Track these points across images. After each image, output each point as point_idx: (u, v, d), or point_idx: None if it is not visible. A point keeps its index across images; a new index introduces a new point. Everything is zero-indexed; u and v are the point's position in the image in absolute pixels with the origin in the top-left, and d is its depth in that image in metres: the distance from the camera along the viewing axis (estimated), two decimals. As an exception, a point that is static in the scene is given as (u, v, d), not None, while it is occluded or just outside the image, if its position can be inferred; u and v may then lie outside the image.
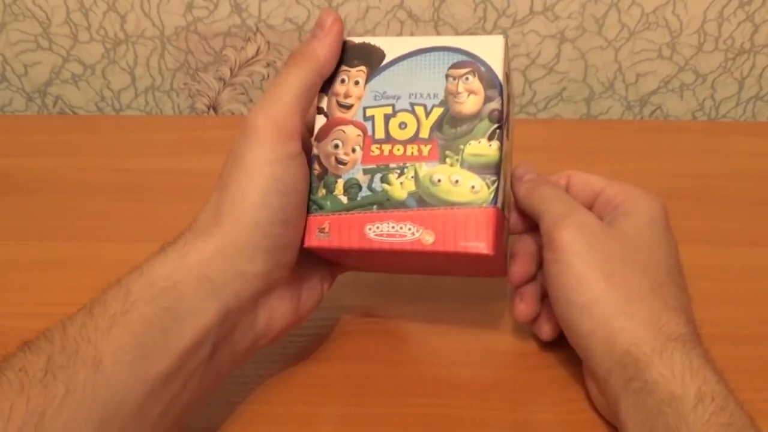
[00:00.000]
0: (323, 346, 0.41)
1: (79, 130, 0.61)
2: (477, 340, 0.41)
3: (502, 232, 0.37)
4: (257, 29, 0.62)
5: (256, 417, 0.37)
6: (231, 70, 0.65)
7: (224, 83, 0.65)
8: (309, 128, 0.38)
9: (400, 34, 0.62)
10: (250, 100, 0.66)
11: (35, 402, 0.27)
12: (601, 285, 0.34)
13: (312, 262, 0.38)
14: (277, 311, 0.36)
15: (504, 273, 0.39)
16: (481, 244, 0.35)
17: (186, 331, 0.31)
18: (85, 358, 0.29)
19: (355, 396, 0.38)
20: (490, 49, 0.36)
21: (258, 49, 0.64)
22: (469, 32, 0.62)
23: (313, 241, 0.36)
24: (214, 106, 0.67)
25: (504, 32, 0.62)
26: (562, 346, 0.41)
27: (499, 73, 0.36)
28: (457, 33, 0.62)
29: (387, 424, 0.37)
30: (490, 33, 0.62)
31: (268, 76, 0.65)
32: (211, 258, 0.33)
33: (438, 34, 0.62)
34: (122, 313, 0.30)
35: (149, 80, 0.65)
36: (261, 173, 0.34)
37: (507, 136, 0.37)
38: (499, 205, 0.35)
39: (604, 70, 0.64)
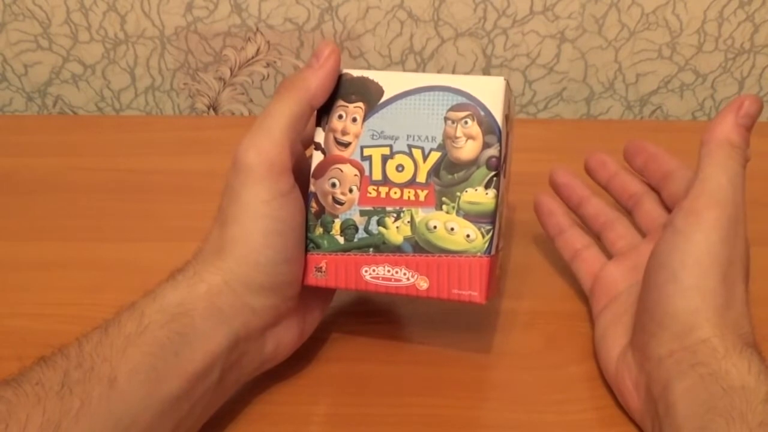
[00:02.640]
0: (323, 346, 0.41)
1: (79, 130, 0.61)
2: (477, 340, 0.41)
3: (494, 276, 0.37)
4: (257, 29, 0.62)
5: (254, 417, 0.37)
6: (231, 70, 0.65)
7: (224, 83, 0.65)
8: (303, 149, 0.38)
9: (400, 34, 0.62)
10: (250, 100, 0.66)
11: (51, 413, 0.28)
12: (714, 282, 0.33)
13: (313, 288, 0.38)
14: (284, 339, 0.37)
15: (495, 293, 0.39)
16: (474, 293, 0.35)
17: (196, 356, 0.32)
18: (100, 375, 0.30)
19: (354, 396, 0.38)
20: (490, 92, 0.35)
21: (258, 49, 0.64)
22: (469, 32, 0.62)
23: (311, 279, 0.37)
24: (214, 106, 0.67)
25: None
26: (562, 345, 0.41)
27: (499, 117, 0.35)
28: (458, 33, 0.62)
29: (387, 424, 0.37)
30: (489, 33, 0.62)
31: (268, 76, 0.65)
32: (220, 290, 0.34)
33: (438, 34, 0.62)
34: (137, 334, 0.31)
35: (149, 80, 0.65)
36: (260, 214, 0.34)
37: (505, 174, 0.37)
38: (493, 252, 0.36)
39: (604, 70, 0.64)
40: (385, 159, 0.36)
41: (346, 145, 0.37)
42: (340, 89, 0.37)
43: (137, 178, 0.54)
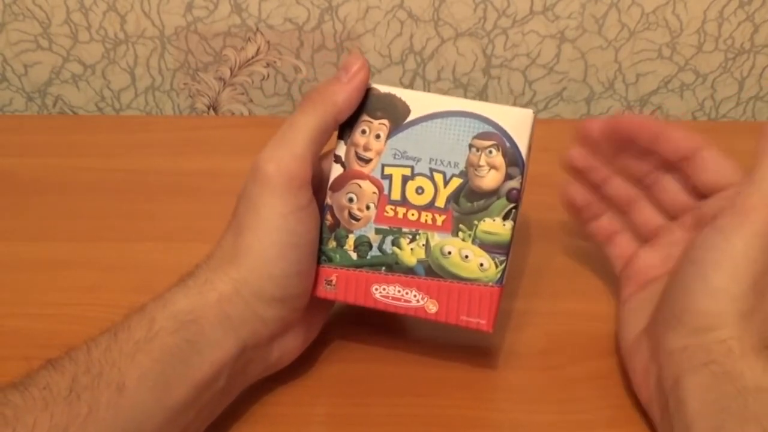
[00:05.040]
0: (324, 347, 0.41)
1: (79, 130, 0.61)
2: (477, 340, 0.41)
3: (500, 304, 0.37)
4: (257, 29, 0.62)
5: (256, 417, 0.37)
6: (231, 70, 0.65)
7: (224, 83, 0.65)
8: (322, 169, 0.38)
9: (400, 34, 0.62)
10: (250, 100, 0.66)
11: (58, 419, 0.28)
12: (744, 287, 0.33)
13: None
14: (290, 345, 0.37)
15: None
16: (482, 321, 0.36)
17: (204, 363, 0.32)
18: (108, 381, 0.30)
19: (354, 396, 0.38)
20: (517, 124, 0.35)
21: (258, 49, 0.64)
22: (469, 32, 0.62)
23: (321, 291, 0.37)
24: (214, 106, 0.67)
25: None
26: (562, 345, 0.41)
27: (524, 150, 0.35)
28: (458, 33, 0.62)
29: (387, 424, 0.37)
30: (489, 33, 0.62)
31: (267, 76, 0.65)
32: (230, 299, 0.34)
33: (438, 34, 0.62)
34: (146, 341, 0.31)
35: (149, 80, 0.65)
36: (276, 227, 0.34)
37: (521, 202, 0.37)
38: (504, 283, 0.36)
39: (604, 70, 0.64)
40: (405, 180, 0.36)
41: (367, 161, 0.37)
42: (365, 104, 0.37)
43: (137, 178, 0.54)
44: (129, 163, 0.56)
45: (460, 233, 0.36)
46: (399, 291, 0.36)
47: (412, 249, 0.36)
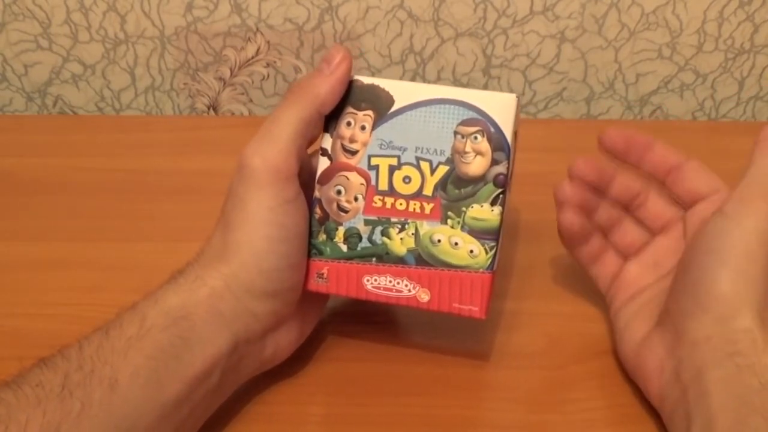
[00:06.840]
0: (320, 346, 0.41)
1: (79, 130, 0.61)
2: (478, 340, 0.41)
3: (493, 291, 0.37)
4: (257, 29, 0.62)
5: (252, 416, 0.37)
6: (231, 70, 0.65)
7: (224, 83, 0.65)
8: (310, 162, 0.38)
9: (400, 34, 0.62)
10: (250, 100, 0.66)
11: (51, 416, 0.28)
12: (760, 269, 0.33)
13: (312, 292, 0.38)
14: (284, 341, 0.37)
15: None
16: (474, 308, 0.36)
17: (197, 359, 0.32)
18: (101, 378, 0.30)
19: (352, 396, 0.38)
20: (501, 109, 0.35)
21: (258, 49, 0.64)
22: (469, 32, 0.62)
23: (312, 285, 0.37)
24: (214, 106, 0.67)
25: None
26: (562, 345, 0.41)
27: (509, 135, 0.35)
28: (458, 33, 0.62)
29: (386, 424, 0.37)
30: (489, 33, 0.62)
31: (268, 76, 0.65)
32: (222, 295, 0.34)
33: (438, 34, 0.62)
34: (138, 338, 0.31)
35: (149, 80, 0.65)
36: (264, 221, 0.34)
37: (509, 187, 0.37)
38: (495, 269, 0.36)
39: (604, 70, 0.64)
40: (392, 169, 0.36)
41: (354, 152, 0.37)
42: (350, 96, 0.37)
43: (137, 178, 0.54)
44: (129, 163, 0.56)
45: (449, 221, 0.36)
46: (390, 281, 0.36)
47: (401, 238, 0.36)
